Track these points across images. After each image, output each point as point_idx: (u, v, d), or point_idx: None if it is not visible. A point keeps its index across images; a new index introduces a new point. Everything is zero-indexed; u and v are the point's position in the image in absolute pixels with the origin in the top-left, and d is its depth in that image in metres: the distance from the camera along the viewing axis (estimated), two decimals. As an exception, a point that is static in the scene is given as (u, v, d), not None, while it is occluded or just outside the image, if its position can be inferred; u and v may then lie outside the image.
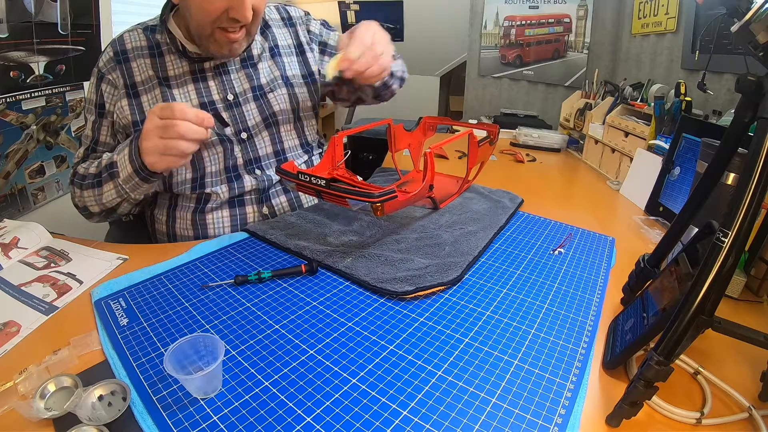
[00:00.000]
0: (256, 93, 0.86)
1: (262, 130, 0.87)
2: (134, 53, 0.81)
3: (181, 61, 0.81)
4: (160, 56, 0.81)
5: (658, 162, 0.97)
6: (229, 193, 0.84)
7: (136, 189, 0.74)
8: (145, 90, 0.80)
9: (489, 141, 0.91)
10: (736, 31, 0.41)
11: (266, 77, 0.88)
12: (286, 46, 0.93)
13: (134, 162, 0.70)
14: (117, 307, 0.57)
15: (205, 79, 0.82)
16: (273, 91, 0.88)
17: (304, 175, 0.68)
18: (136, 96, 0.80)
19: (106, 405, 0.42)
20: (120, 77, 0.80)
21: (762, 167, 0.37)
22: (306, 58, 0.94)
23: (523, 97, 2.23)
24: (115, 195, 0.76)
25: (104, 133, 0.83)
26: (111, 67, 0.80)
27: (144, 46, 0.81)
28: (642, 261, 0.59)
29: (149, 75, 0.80)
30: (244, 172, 0.86)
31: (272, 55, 0.90)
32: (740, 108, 0.45)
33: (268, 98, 0.87)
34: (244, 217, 0.85)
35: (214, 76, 0.83)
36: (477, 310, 0.58)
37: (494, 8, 2.18)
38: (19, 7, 1.09)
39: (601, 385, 0.48)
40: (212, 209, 0.84)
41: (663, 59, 1.41)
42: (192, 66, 0.82)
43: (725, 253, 0.37)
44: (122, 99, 0.80)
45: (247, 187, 0.85)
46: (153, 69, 0.80)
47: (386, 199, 0.64)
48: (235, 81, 0.84)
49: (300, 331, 0.53)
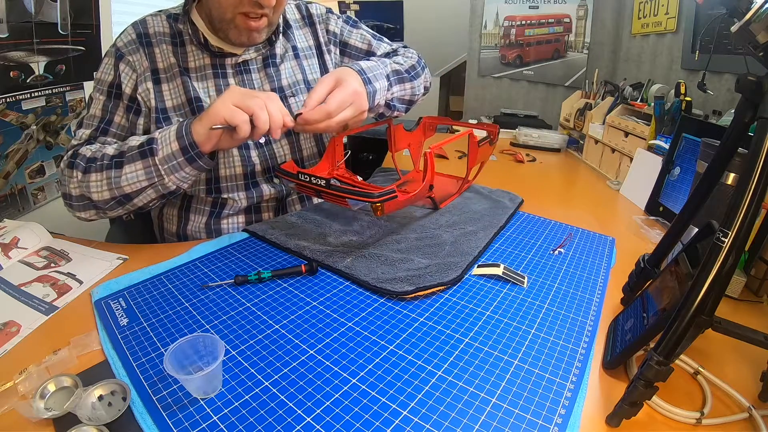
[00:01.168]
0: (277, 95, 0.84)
1: (282, 136, 0.83)
2: (157, 38, 0.78)
3: (203, 54, 0.79)
4: (181, 46, 0.78)
5: (658, 162, 0.97)
6: (247, 201, 0.83)
7: (175, 171, 0.67)
8: (167, 78, 0.78)
9: (489, 141, 0.91)
10: (736, 31, 0.41)
11: (288, 79, 0.85)
12: (306, 47, 0.90)
13: (184, 138, 0.65)
14: (117, 307, 0.57)
15: (225, 76, 0.80)
16: (294, 96, 0.85)
17: (304, 175, 0.68)
18: (158, 83, 0.77)
19: (106, 405, 0.42)
20: (142, 60, 0.76)
21: (762, 167, 0.37)
22: (324, 60, 0.92)
23: (523, 97, 2.23)
24: (144, 177, 0.67)
25: (120, 115, 0.77)
26: (132, 48, 0.77)
27: (167, 33, 0.78)
28: (642, 261, 0.59)
29: (171, 63, 0.77)
30: (263, 180, 0.84)
31: (295, 56, 0.88)
32: (740, 108, 0.45)
33: (289, 102, 0.84)
34: None
35: (234, 73, 0.81)
36: (477, 310, 0.58)
37: (494, 8, 2.18)
38: (19, 7, 1.09)
39: (601, 385, 0.48)
40: (228, 215, 0.83)
41: (663, 59, 1.41)
42: (213, 60, 0.79)
43: (725, 253, 0.37)
44: (147, 82, 0.77)
45: (265, 196, 0.84)
46: (175, 57, 0.78)
47: (386, 199, 0.64)
48: (255, 81, 0.82)
49: (300, 331, 0.53)
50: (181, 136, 0.65)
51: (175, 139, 0.66)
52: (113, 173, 0.68)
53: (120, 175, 0.67)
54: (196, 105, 0.77)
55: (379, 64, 0.82)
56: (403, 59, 0.92)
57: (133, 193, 0.68)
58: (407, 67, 0.90)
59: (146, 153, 0.67)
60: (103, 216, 0.75)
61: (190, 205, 0.84)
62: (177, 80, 0.77)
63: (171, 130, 0.67)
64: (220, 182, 0.81)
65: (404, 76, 0.88)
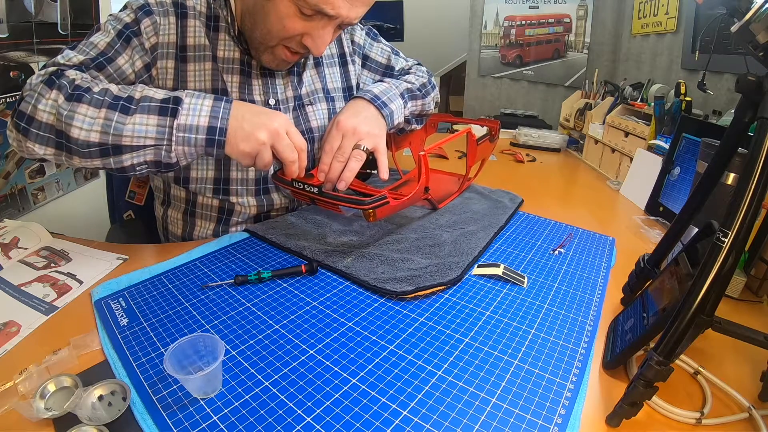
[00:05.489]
0: (296, 103, 0.82)
1: None
2: (195, 12, 0.72)
3: (235, 47, 0.75)
4: (215, 30, 0.73)
5: (658, 162, 0.97)
6: (257, 209, 0.82)
7: (187, 144, 0.60)
8: (195, 58, 0.72)
9: (489, 138, 0.91)
10: (736, 31, 0.41)
11: (307, 87, 0.84)
12: (330, 55, 0.89)
13: (218, 119, 0.60)
14: (117, 307, 0.57)
15: (250, 75, 0.77)
16: (312, 104, 0.84)
17: (297, 183, 0.68)
18: (184, 61, 0.71)
19: (106, 405, 0.42)
20: (170, 31, 0.70)
21: (762, 167, 0.37)
22: (347, 70, 0.91)
23: (523, 97, 2.23)
24: (153, 134, 0.59)
25: (125, 60, 0.68)
26: (164, 10, 0.70)
27: (203, 12, 0.73)
28: (642, 261, 0.59)
29: (202, 44, 0.72)
30: (274, 189, 0.83)
31: (316, 64, 0.86)
32: (740, 108, 0.45)
33: (306, 111, 0.83)
34: None
35: (259, 75, 0.78)
36: (477, 310, 0.58)
37: (494, 8, 2.18)
38: (19, 7, 1.09)
39: (601, 385, 0.48)
40: (237, 223, 0.82)
41: (663, 59, 1.41)
42: (242, 57, 0.76)
43: (725, 253, 0.37)
44: (168, 60, 0.71)
45: (276, 204, 0.83)
46: (207, 40, 0.73)
47: (378, 205, 0.64)
48: (279, 86, 0.80)
49: (300, 331, 0.53)
50: (217, 116, 0.60)
51: (207, 114, 0.60)
52: (116, 116, 0.58)
53: (125, 122, 0.58)
54: None
55: (392, 86, 0.85)
56: (414, 77, 0.94)
57: (128, 146, 0.59)
58: (419, 86, 0.92)
59: (167, 110, 0.59)
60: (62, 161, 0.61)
61: (194, 210, 0.83)
62: (206, 64, 0.73)
63: (205, 102, 0.61)
64: (230, 184, 0.79)
65: (416, 94, 0.91)
